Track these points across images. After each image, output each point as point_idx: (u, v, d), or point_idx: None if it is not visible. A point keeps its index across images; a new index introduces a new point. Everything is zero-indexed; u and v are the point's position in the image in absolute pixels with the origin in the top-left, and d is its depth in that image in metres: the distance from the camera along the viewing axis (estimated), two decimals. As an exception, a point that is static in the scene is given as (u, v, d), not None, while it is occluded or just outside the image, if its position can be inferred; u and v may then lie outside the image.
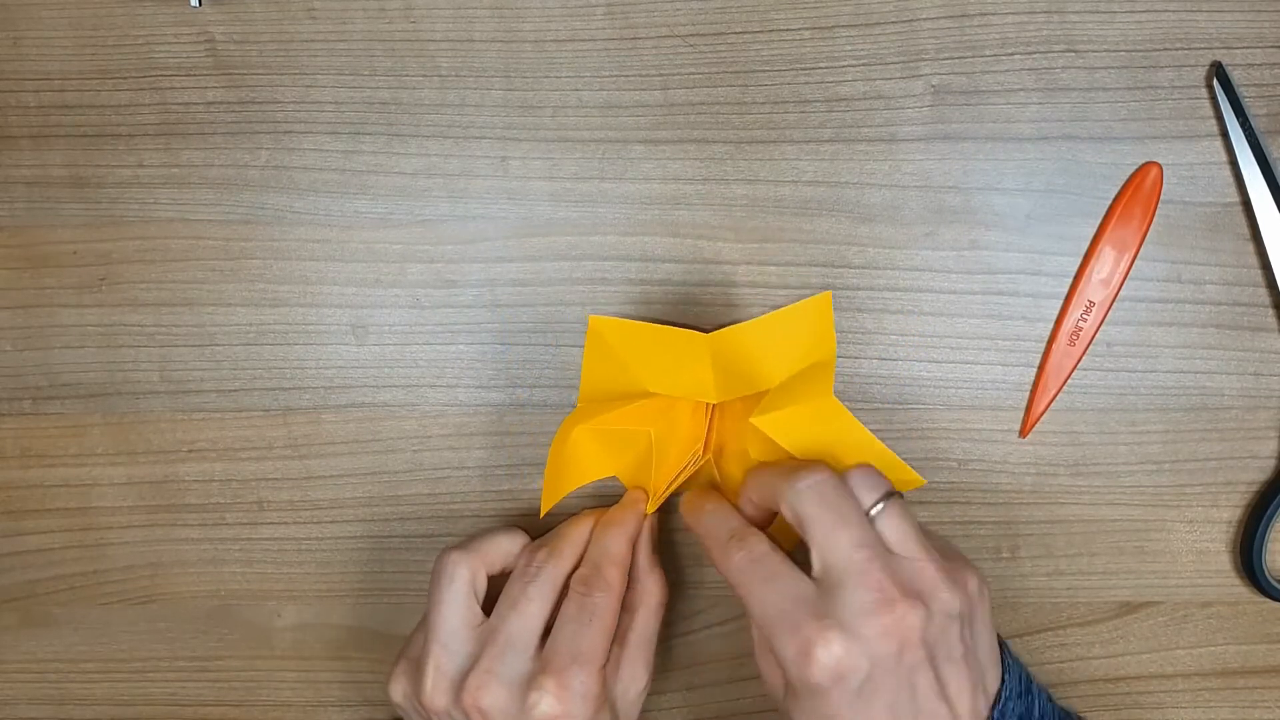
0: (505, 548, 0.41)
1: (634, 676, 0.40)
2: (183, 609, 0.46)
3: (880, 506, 0.36)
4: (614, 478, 0.44)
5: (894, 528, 0.36)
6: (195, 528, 0.46)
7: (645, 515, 0.42)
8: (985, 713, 0.36)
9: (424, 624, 0.40)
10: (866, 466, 0.37)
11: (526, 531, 0.42)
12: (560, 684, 0.37)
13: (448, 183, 0.44)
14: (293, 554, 0.46)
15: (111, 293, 0.45)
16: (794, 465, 0.38)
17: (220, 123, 0.44)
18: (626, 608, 0.40)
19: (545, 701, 0.37)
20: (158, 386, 0.45)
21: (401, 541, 0.46)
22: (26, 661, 0.47)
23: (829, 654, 0.34)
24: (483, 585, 0.40)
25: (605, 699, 0.38)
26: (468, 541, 0.41)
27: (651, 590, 0.41)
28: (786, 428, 0.39)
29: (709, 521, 0.39)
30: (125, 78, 0.44)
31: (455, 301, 0.44)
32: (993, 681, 0.37)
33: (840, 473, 0.37)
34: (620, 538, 0.41)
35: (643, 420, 0.41)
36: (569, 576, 0.40)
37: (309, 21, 0.43)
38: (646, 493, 0.42)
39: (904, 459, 0.44)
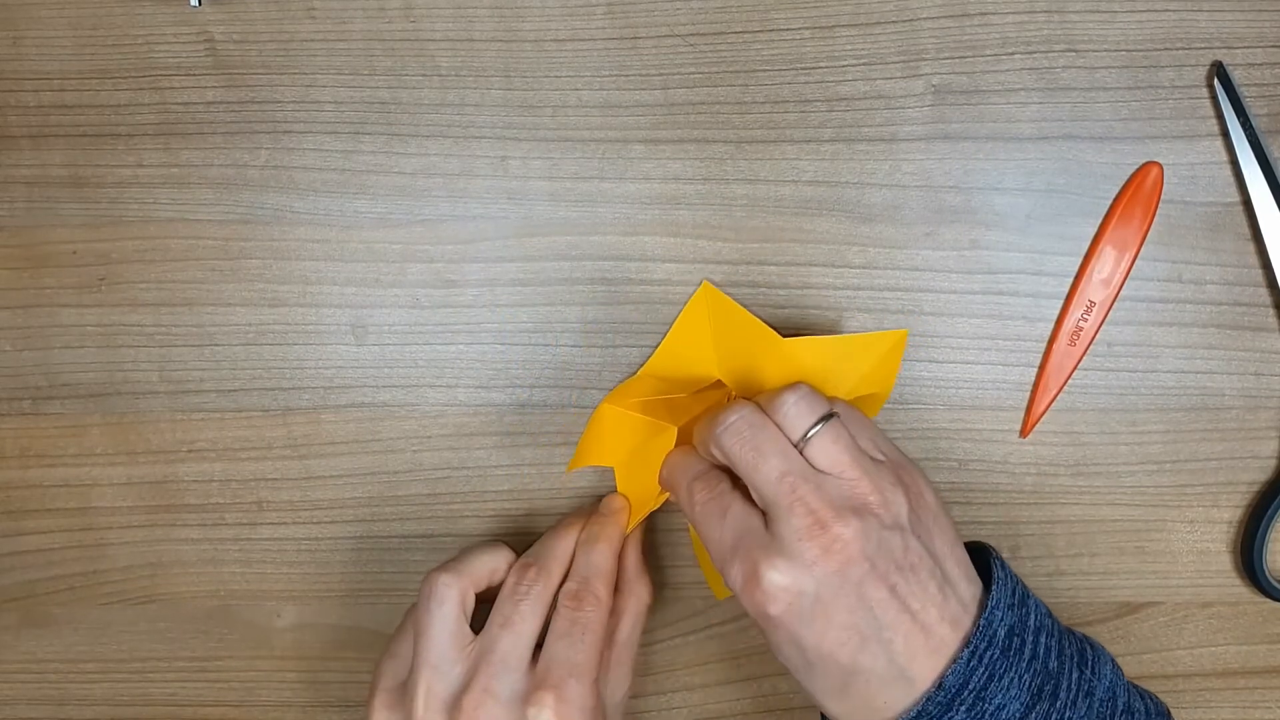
0: (491, 565, 0.40)
1: (619, 680, 0.40)
2: (182, 609, 0.46)
3: (816, 429, 0.36)
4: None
5: (825, 451, 0.36)
6: (195, 528, 0.46)
7: (628, 530, 0.42)
8: (965, 622, 0.35)
9: (401, 649, 0.40)
10: (798, 391, 0.37)
11: (511, 546, 0.41)
12: (559, 698, 0.37)
13: (448, 183, 0.44)
14: (293, 554, 0.46)
15: (111, 293, 0.45)
16: (718, 408, 0.38)
17: (220, 122, 0.44)
18: (612, 612, 0.41)
19: (545, 716, 0.37)
20: (157, 386, 0.45)
21: (401, 541, 0.46)
22: (26, 661, 0.47)
23: (773, 579, 0.34)
24: (471, 604, 0.40)
25: (601, 710, 0.38)
26: (454, 562, 0.40)
27: (639, 595, 0.41)
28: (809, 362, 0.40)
29: (674, 465, 0.40)
30: (125, 77, 0.44)
31: (455, 301, 0.44)
32: (966, 589, 0.36)
33: (768, 402, 0.37)
34: (605, 551, 0.41)
35: (667, 415, 0.42)
36: (558, 591, 0.40)
37: (309, 21, 0.43)
38: (628, 500, 0.42)
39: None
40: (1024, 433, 0.44)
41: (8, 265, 0.45)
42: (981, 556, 0.38)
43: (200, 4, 0.43)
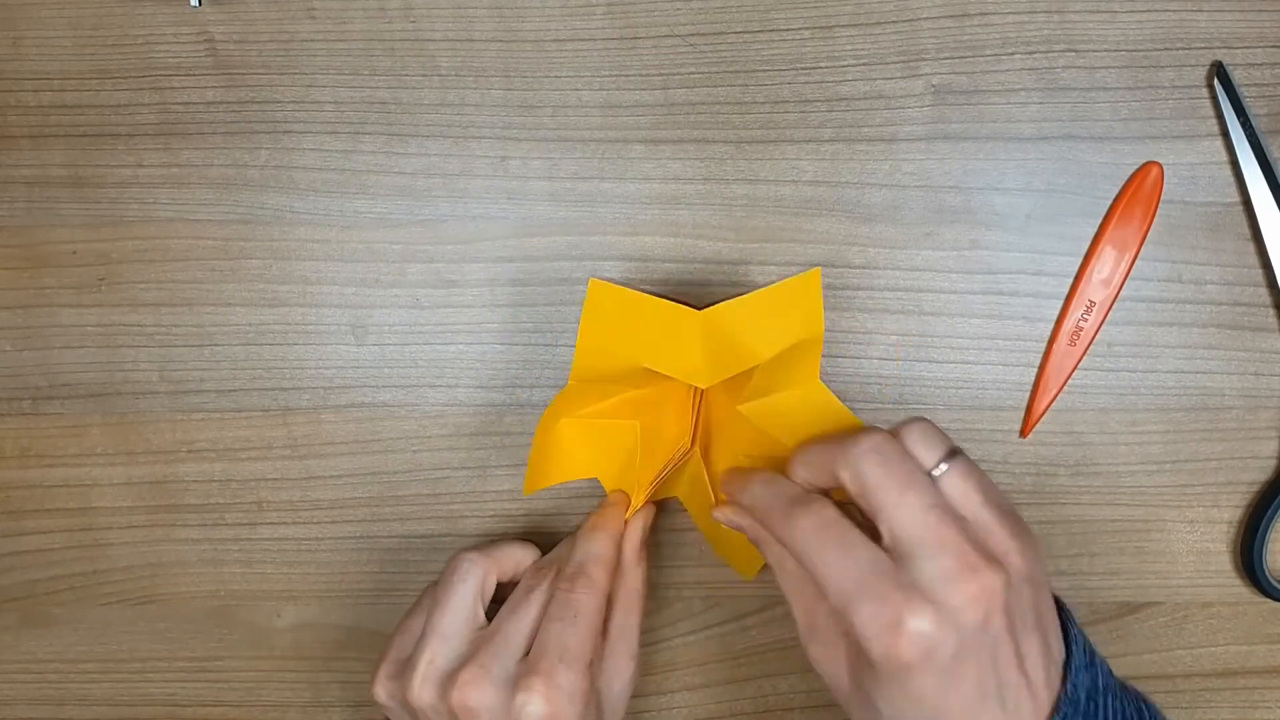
0: (518, 557, 0.41)
1: (617, 669, 0.40)
2: (183, 609, 0.46)
3: (944, 467, 0.33)
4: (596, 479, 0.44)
5: (959, 488, 0.33)
6: (195, 528, 0.46)
7: (625, 518, 0.42)
8: (1058, 685, 0.33)
9: (412, 625, 0.40)
10: (924, 422, 0.34)
11: (538, 545, 0.42)
12: (548, 683, 0.37)
13: (448, 183, 0.44)
14: (293, 554, 0.46)
15: (111, 293, 0.45)
16: (848, 430, 0.36)
17: (220, 122, 0.44)
18: (610, 602, 0.41)
19: (534, 702, 0.37)
20: (157, 386, 0.45)
21: (401, 541, 0.46)
22: (26, 661, 0.47)
23: (918, 626, 0.31)
24: (490, 590, 0.40)
25: (593, 696, 0.38)
26: (484, 546, 0.41)
27: (633, 586, 0.41)
28: (773, 414, 0.39)
29: (764, 491, 0.37)
30: (125, 78, 0.44)
31: (455, 301, 0.44)
32: (1058, 650, 0.34)
33: (896, 432, 0.34)
34: (604, 538, 0.41)
35: (629, 414, 0.42)
36: None
37: (309, 21, 0.43)
38: (628, 495, 0.42)
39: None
40: (1024, 433, 0.44)
41: (8, 265, 0.45)
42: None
43: (200, 4, 0.43)
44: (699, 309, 0.39)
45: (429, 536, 0.46)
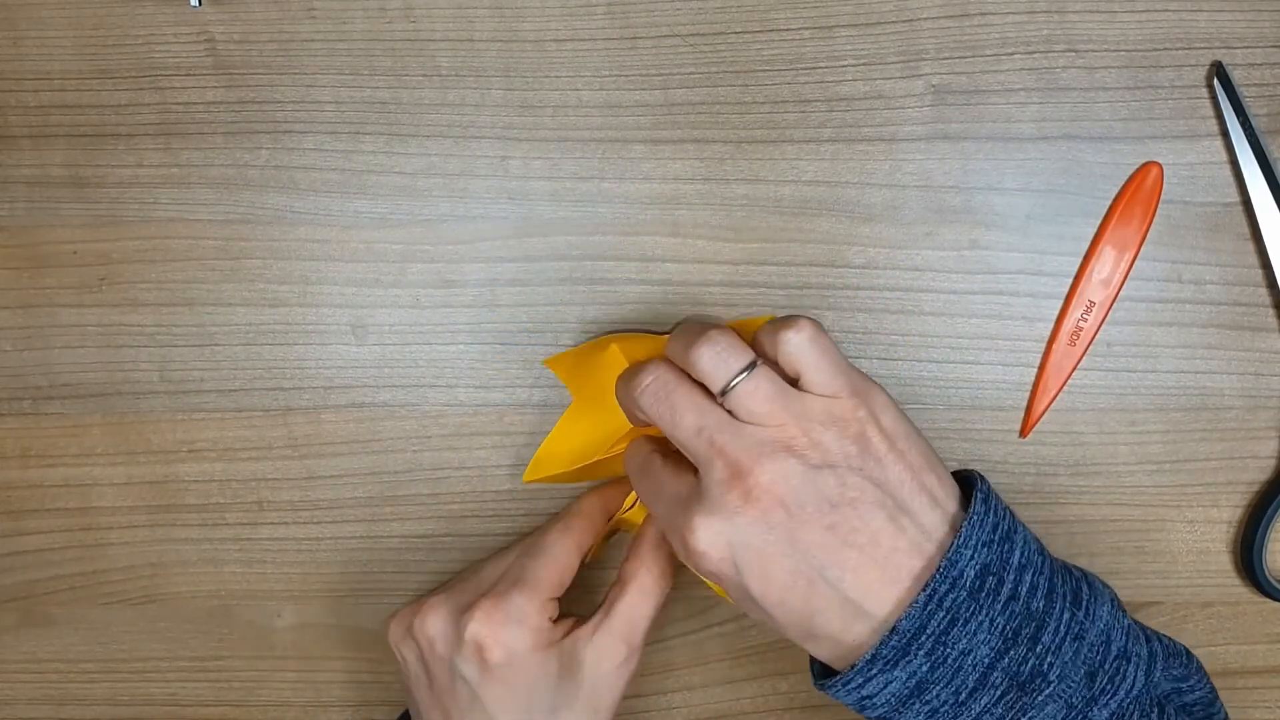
0: (567, 563, 0.41)
1: (608, 648, 0.38)
2: (183, 609, 0.46)
3: (741, 377, 0.34)
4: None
5: (743, 403, 0.34)
6: (195, 528, 0.46)
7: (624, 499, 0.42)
8: (929, 548, 0.33)
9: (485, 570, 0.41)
10: (715, 344, 0.35)
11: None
12: (494, 605, 0.37)
13: (448, 183, 0.44)
14: (293, 554, 0.46)
15: (111, 293, 0.45)
16: (635, 368, 0.37)
17: (220, 122, 0.44)
18: (620, 580, 0.40)
19: (475, 622, 0.37)
20: (158, 386, 0.45)
21: (401, 541, 0.46)
22: (26, 661, 0.47)
23: (699, 538, 0.33)
24: (565, 584, 0.40)
25: (550, 638, 0.38)
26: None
27: (648, 568, 0.40)
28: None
29: (626, 460, 0.40)
30: (125, 78, 0.44)
31: (455, 301, 0.44)
32: (932, 516, 0.34)
33: (686, 355, 0.35)
34: (594, 499, 0.42)
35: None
36: (580, 560, 0.41)
37: (309, 21, 0.43)
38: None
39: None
40: (1024, 433, 0.44)
41: (8, 265, 0.45)
42: (969, 486, 0.36)
43: (200, 4, 0.43)
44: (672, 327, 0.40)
45: (429, 536, 0.46)
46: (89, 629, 0.47)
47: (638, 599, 0.39)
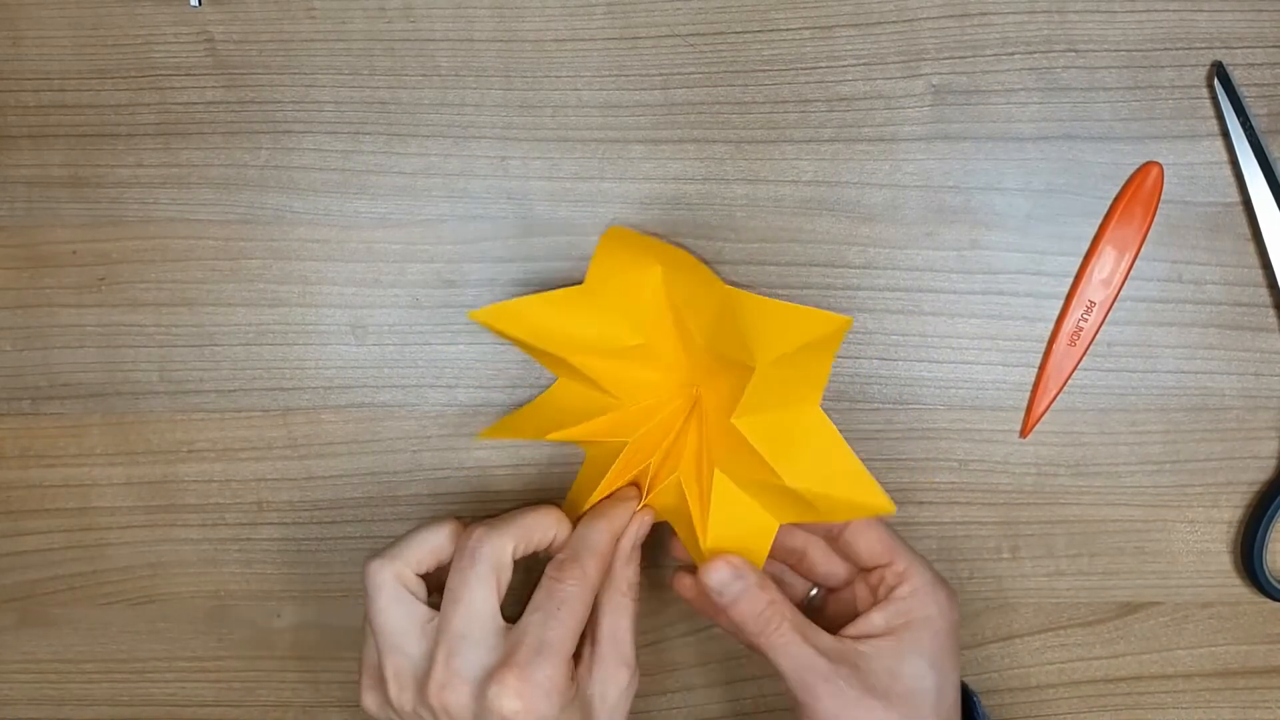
0: (432, 543, 0.38)
1: (611, 676, 0.38)
2: (182, 609, 0.46)
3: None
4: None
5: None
6: (195, 528, 0.46)
7: (632, 512, 0.40)
8: None
9: (368, 630, 0.38)
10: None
11: (459, 518, 0.40)
12: (522, 678, 0.35)
13: (448, 183, 0.44)
14: (293, 554, 0.46)
15: (111, 293, 0.45)
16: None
17: (220, 122, 0.44)
18: (596, 603, 0.39)
19: (506, 697, 0.35)
20: (157, 386, 0.45)
21: (401, 541, 0.46)
22: (26, 661, 0.47)
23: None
24: (416, 583, 0.38)
25: (574, 694, 0.37)
26: (389, 546, 0.38)
27: (619, 586, 0.39)
28: (765, 432, 0.38)
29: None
30: (125, 78, 0.44)
31: (455, 301, 0.44)
32: None
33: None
34: (604, 530, 0.39)
35: (618, 431, 0.41)
36: (512, 554, 0.38)
37: (309, 21, 0.43)
38: (639, 489, 0.41)
39: (904, 459, 0.44)
40: (1024, 433, 0.44)
41: (8, 265, 0.45)
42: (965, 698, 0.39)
43: (200, 4, 0.43)
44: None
45: (429, 536, 0.46)
46: (88, 629, 0.47)
47: (616, 618, 0.39)
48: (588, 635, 0.38)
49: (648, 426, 0.41)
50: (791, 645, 0.37)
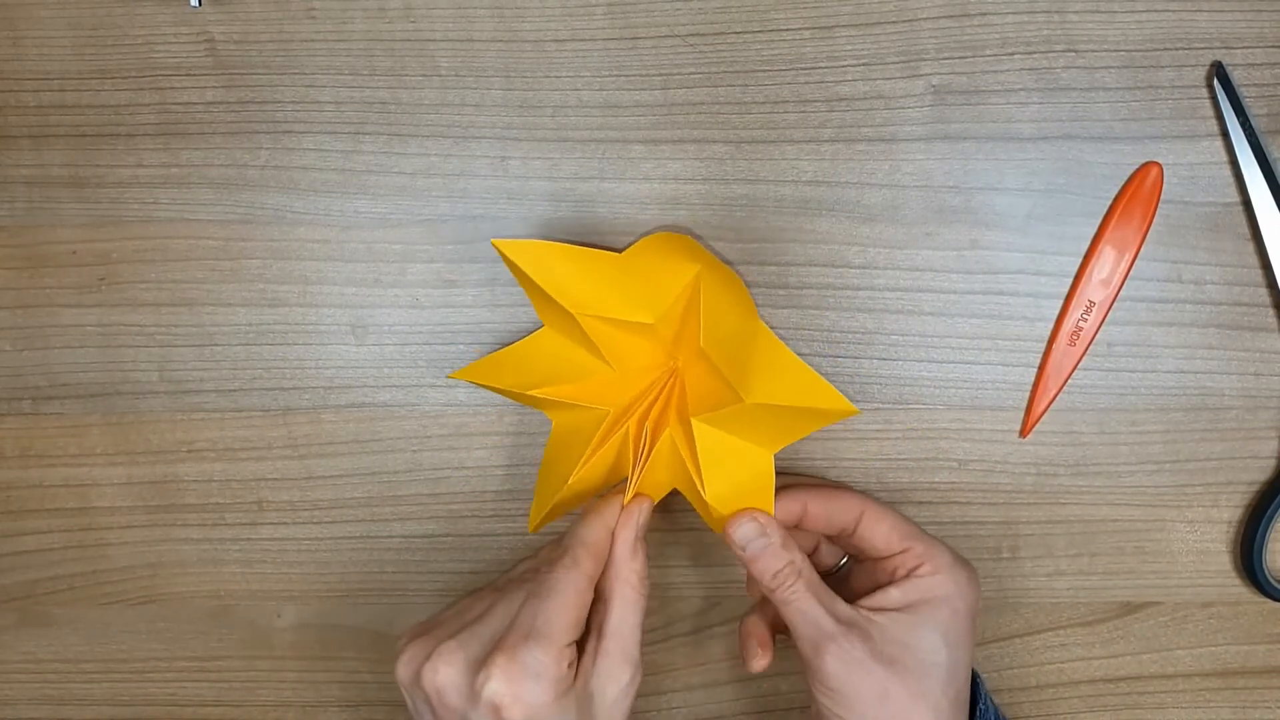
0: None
1: (611, 673, 0.38)
2: (182, 609, 0.46)
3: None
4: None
5: None
6: (195, 528, 0.46)
7: (622, 505, 0.40)
8: None
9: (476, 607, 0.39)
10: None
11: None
12: (510, 660, 0.35)
13: (448, 183, 0.44)
14: (293, 554, 0.46)
15: (111, 293, 0.45)
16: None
17: (220, 123, 0.44)
18: (602, 598, 0.39)
19: (494, 680, 0.35)
20: (157, 386, 0.45)
21: (401, 541, 0.46)
22: (26, 661, 0.47)
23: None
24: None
25: (570, 684, 0.37)
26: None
27: (627, 580, 0.39)
28: (726, 358, 0.38)
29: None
30: (125, 78, 0.44)
31: (455, 301, 0.44)
32: None
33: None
34: (594, 522, 0.39)
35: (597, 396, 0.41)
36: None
37: (309, 21, 0.43)
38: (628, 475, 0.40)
39: (904, 459, 0.44)
40: (1024, 433, 0.44)
41: (8, 265, 0.45)
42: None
43: (200, 4, 0.43)
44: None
45: (429, 536, 0.46)
46: (89, 629, 0.47)
47: (625, 614, 0.38)
48: (593, 629, 0.38)
49: (631, 395, 0.41)
50: (804, 602, 0.38)
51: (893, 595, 0.38)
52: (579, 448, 0.41)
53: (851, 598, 0.39)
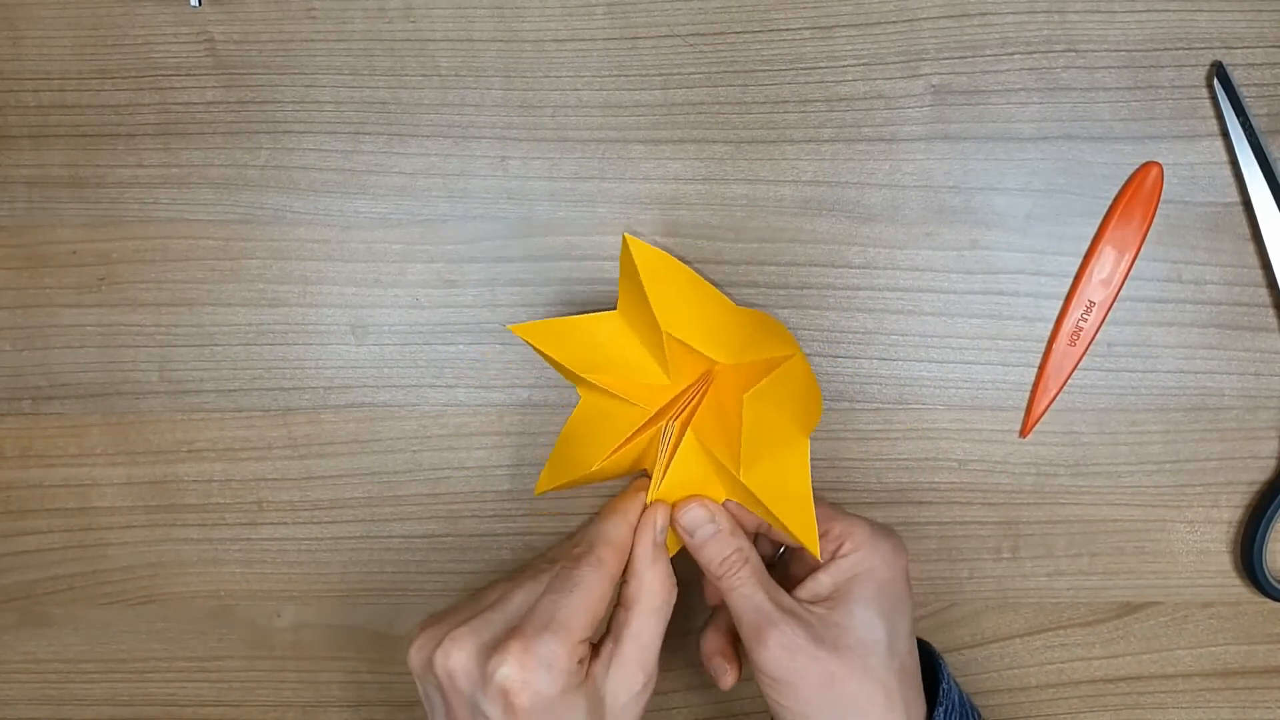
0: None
1: (625, 678, 0.37)
2: (182, 609, 0.46)
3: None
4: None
5: None
6: (195, 528, 0.46)
7: (644, 504, 0.40)
8: None
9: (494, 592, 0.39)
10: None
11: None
12: (525, 648, 0.35)
13: (448, 183, 0.44)
14: (293, 554, 0.46)
15: (111, 293, 0.45)
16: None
17: (220, 123, 0.44)
18: (624, 603, 0.38)
19: (506, 665, 0.35)
20: (157, 386, 0.45)
21: (401, 541, 0.46)
22: (26, 661, 0.47)
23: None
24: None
25: (578, 681, 0.36)
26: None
27: (650, 587, 0.38)
28: (754, 428, 0.38)
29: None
30: (125, 78, 0.44)
31: (455, 301, 0.44)
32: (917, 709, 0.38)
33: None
34: (619, 521, 0.39)
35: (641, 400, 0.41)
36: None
37: (309, 21, 0.43)
38: (649, 480, 0.41)
39: (903, 459, 0.44)
40: (1024, 433, 0.44)
41: (8, 265, 0.45)
42: (927, 658, 0.40)
43: (200, 4, 0.43)
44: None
45: (429, 536, 0.46)
46: (89, 629, 0.47)
47: (646, 621, 0.38)
48: (612, 632, 0.38)
49: (669, 398, 0.41)
50: (748, 588, 0.38)
51: (823, 581, 0.39)
52: (608, 434, 0.40)
53: (790, 586, 0.39)
